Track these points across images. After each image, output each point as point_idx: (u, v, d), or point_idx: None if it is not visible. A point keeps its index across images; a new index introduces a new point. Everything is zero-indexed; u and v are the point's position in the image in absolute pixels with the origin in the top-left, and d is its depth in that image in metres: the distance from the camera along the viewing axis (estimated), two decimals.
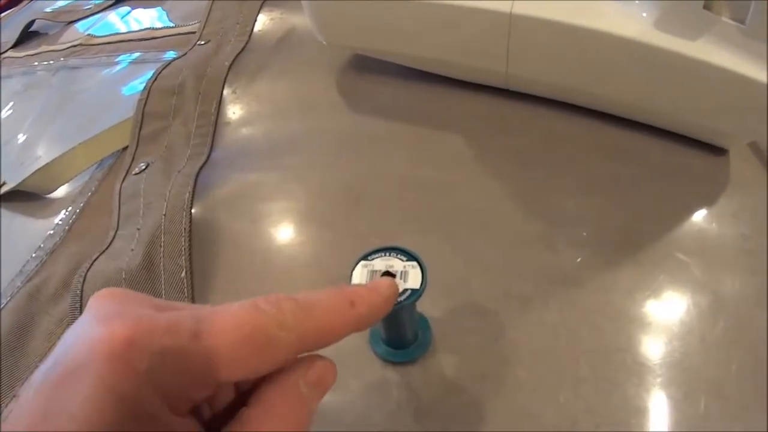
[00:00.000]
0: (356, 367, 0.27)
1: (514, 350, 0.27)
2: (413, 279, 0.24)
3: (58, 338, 0.31)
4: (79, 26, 0.63)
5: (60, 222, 0.39)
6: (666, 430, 0.24)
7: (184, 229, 0.33)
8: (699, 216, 0.32)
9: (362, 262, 0.25)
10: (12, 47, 0.65)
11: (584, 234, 0.31)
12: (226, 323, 0.17)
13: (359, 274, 0.24)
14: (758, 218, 0.32)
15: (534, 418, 0.25)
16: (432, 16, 0.35)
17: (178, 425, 0.17)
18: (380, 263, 0.24)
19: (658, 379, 0.26)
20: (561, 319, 0.28)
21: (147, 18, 0.60)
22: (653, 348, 0.27)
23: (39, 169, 0.42)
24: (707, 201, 0.33)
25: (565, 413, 0.25)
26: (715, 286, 0.29)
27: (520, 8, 0.33)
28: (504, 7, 0.33)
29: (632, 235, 0.31)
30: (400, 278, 0.24)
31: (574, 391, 0.25)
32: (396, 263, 0.24)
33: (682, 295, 0.29)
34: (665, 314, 0.28)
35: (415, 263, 0.24)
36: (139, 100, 0.43)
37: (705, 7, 0.30)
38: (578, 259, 0.30)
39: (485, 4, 0.33)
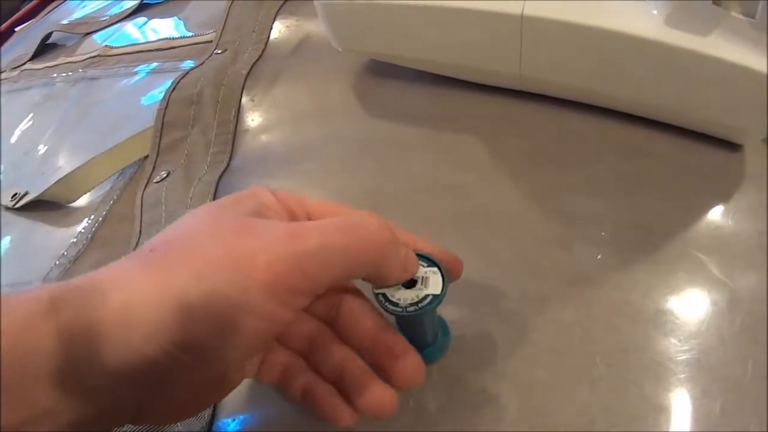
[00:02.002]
0: None
1: (532, 350, 0.28)
2: (434, 284, 0.25)
3: None
4: (97, 37, 0.66)
5: (82, 230, 0.41)
6: (683, 428, 0.25)
7: None
8: (715, 213, 0.33)
9: None
10: (30, 59, 0.68)
11: (602, 234, 0.32)
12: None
13: None
14: None
15: (551, 417, 0.26)
16: (444, 20, 0.36)
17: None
18: None
19: (675, 377, 0.26)
20: (577, 318, 0.29)
21: (164, 28, 0.62)
22: (670, 346, 0.27)
23: (61, 179, 0.44)
24: (723, 198, 0.33)
25: (582, 412, 0.26)
26: (732, 284, 0.29)
27: (531, 10, 0.34)
28: (515, 9, 0.34)
29: (648, 234, 0.32)
30: (421, 284, 0.25)
31: (591, 389, 0.26)
32: (417, 269, 0.25)
33: (700, 292, 0.29)
34: (682, 312, 0.29)
35: (435, 269, 0.25)
36: (159, 110, 0.44)
37: (715, 2, 0.31)
38: (598, 256, 0.31)
39: (496, 7, 0.35)
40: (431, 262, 0.25)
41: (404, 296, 0.24)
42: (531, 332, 0.29)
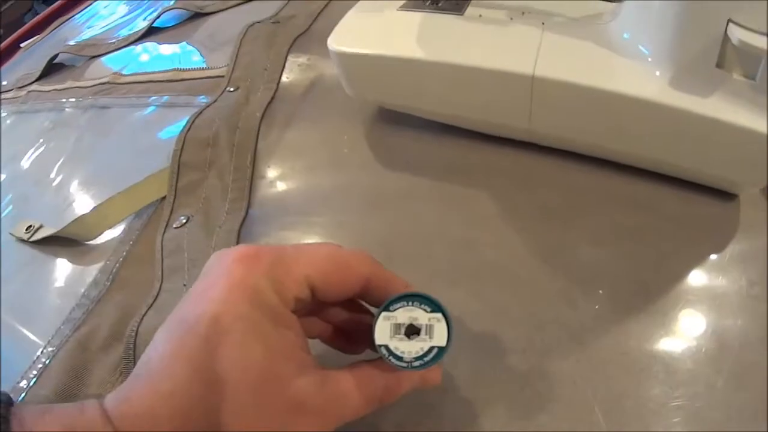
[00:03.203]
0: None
1: (536, 399, 0.31)
2: (438, 334, 0.25)
3: (112, 386, 0.35)
4: (106, 60, 0.67)
5: (102, 270, 0.43)
6: None
7: None
8: (709, 263, 0.36)
9: (384, 314, 0.25)
10: (37, 80, 0.69)
11: (600, 291, 0.35)
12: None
13: (382, 330, 0.25)
14: (765, 264, 0.35)
15: None
16: (457, 77, 0.39)
17: (288, 316, 0.25)
18: (403, 315, 0.25)
19: (666, 422, 0.29)
20: (577, 369, 0.32)
21: (173, 54, 0.64)
22: (661, 393, 0.30)
23: (79, 218, 0.45)
24: (717, 248, 0.36)
25: None
26: (721, 332, 0.32)
27: (542, 71, 0.36)
28: (527, 69, 0.36)
29: (645, 285, 0.35)
30: (425, 333, 0.24)
31: None
32: (420, 315, 0.25)
33: (691, 341, 0.32)
34: (674, 360, 0.32)
35: (439, 315, 0.25)
36: (175, 150, 0.47)
37: (717, 65, 0.32)
38: (596, 306, 0.34)
39: (509, 66, 0.37)
40: (435, 306, 0.25)
41: (408, 349, 0.24)
42: (535, 382, 0.32)
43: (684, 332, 0.33)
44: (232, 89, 0.52)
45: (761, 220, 0.38)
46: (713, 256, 0.36)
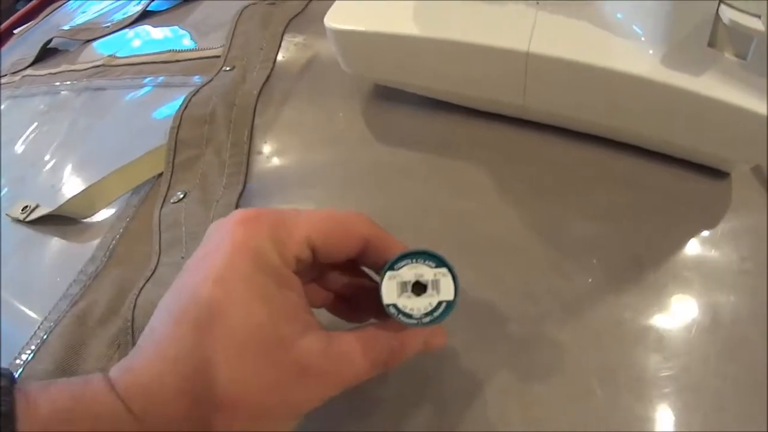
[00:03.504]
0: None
1: (532, 367, 0.32)
2: (445, 289, 0.24)
3: (110, 359, 0.35)
4: (99, 44, 0.67)
5: (98, 247, 0.43)
6: None
7: None
8: (701, 239, 0.36)
9: (389, 273, 0.25)
10: (31, 65, 0.70)
11: (594, 261, 0.35)
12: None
13: (389, 290, 0.25)
14: (757, 240, 0.36)
15: (549, 428, 0.29)
16: (452, 53, 0.39)
17: (291, 277, 0.25)
18: (408, 272, 0.25)
19: (660, 392, 0.30)
20: (573, 338, 0.32)
21: (168, 37, 0.64)
22: (656, 364, 0.31)
23: (76, 195, 0.46)
24: (709, 224, 0.37)
25: (577, 424, 0.29)
26: (714, 305, 0.33)
27: (536, 47, 0.36)
28: (521, 45, 0.37)
29: (639, 259, 0.35)
30: (432, 289, 0.24)
31: (585, 404, 0.30)
32: (425, 271, 0.25)
33: (684, 314, 0.33)
34: (668, 332, 0.32)
35: (445, 270, 0.25)
36: (172, 128, 0.47)
37: (709, 44, 0.33)
38: (589, 280, 0.35)
39: (503, 43, 0.37)
40: (440, 261, 0.25)
41: (417, 305, 0.24)
42: (530, 350, 0.32)
43: (677, 305, 0.33)
44: (228, 68, 0.53)
45: (752, 198, 0.38)
46: (705, 232, 0.37)
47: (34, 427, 0.21)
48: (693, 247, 0.36)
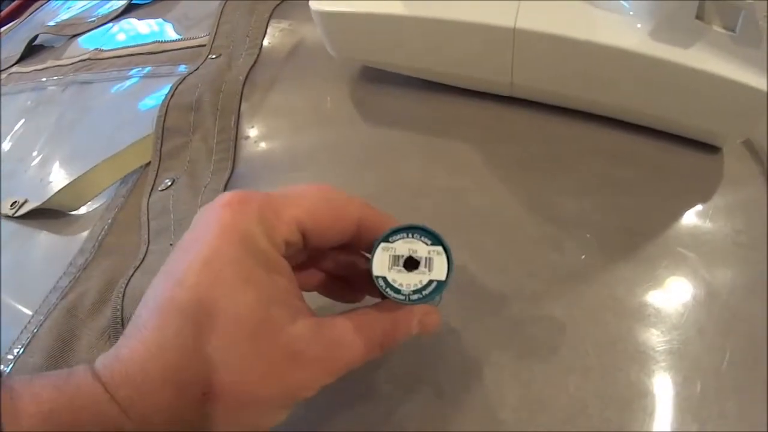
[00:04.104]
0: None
1: (529, 344, 0.31)
2: (438, 268, 0.24)
3: (100, 351, 0.34)
4: (85, 39, 0.67)
5: (88, 238, 0.43)
6: (666, 410, 0.28)
7: None
8: (695, 213, 0.36)
9: (383, 245, 0.24)
10: (17, 62, 0.69)
11: (587, 235, 0.35)
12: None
13: (381, 262, 0.24)
14: (750, 213, 0.36)
15: (547, 404, 0.29)
16: (438, 31, 0.39)
17: (280, 261, 0.24)
18: (402, 247, 0.24)
19: (658, 365, 0.30)
20: (569, 314, 0.32)
21: (153, 29, 0.63)
22: (653, 337, 0.31)
23: (63, 188, 0.45)
24: (702, 198, 0.37)
25: (575, 399, 0.29)
26: (710, 279, 0.33)
27: (523, 23, 0.36)
28: (508, 22, 0.36)
29: (632, 234, 0.35)
30: (425, 266, 0.24)
31: (584, 378, 0.30)
32: (420, 248, 0.24)
33: (680, 287, 0.33)
34: (664, 306, 0.32)
35: (440, 248, 0.24)
36: (158, 116, 0.46)
37: (697, 17, 0.33)
38: (582, 256, 0.34)
39: (490, 19, 0.37)
40: (436, 239, 0.24)
41: (407, 281, 0.24)
42: (528, 328, 0.32)
43: (673, 278, 0.33)
44: (214, 56, 0.52)
45: (744, 172, 0.38)
46: (699, 207, 0.36)
47: (18, 420, 0.20)
48: (687, 221, 0.36)
